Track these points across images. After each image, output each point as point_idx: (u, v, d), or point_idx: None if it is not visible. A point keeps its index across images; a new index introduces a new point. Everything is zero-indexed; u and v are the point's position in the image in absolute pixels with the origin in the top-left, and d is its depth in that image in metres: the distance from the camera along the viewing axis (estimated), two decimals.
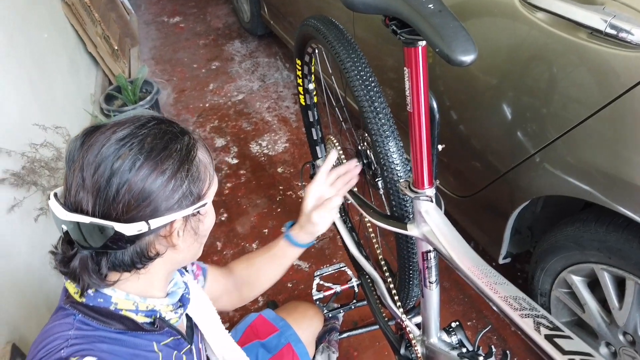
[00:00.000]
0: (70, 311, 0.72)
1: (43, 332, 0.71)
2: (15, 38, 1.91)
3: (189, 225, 0.74)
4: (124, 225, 0.65)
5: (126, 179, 0.65)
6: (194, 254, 0.81)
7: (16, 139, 1.64)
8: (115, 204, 0.65)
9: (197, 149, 0.73)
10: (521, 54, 1.22)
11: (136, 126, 0.69)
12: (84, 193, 0.65)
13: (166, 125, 0.71)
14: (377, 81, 1.09)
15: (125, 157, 0.65)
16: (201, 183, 0.73)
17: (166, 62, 3.59)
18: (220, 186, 2.44)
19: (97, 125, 0.70)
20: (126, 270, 0.71)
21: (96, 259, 0.69)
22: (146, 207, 0.66)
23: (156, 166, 0.66)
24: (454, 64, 0.68)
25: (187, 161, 0.70)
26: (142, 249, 0.70)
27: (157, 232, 0.70)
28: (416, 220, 1.00)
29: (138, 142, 0.67)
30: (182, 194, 0.69)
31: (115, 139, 0.67)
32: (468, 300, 1.80)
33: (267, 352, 1.29)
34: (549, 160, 1.21)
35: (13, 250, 1.48)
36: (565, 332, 0.64)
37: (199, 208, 0.72)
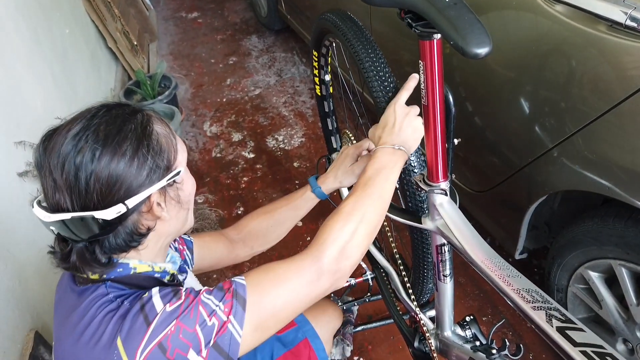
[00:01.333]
0: (96, 286, 0.76)
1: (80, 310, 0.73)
2: (39, 34, 1.96)
3: (168, 196, 0.76)
4: (103, 212, 0.69)
5: (91, 170, 0.68)
6: (184, 221, 0.84)
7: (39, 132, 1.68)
8: (89, 195, 0.69)
9: (153, 123, 0.76)
10: (540, 48, 1.20)
11: (87, 118, 0.72)
12: (59, 193, 0.69)
13: (116, 110, 0.74)
14: (393, 75, 1.09)
15: (84, 150, 0.69)
16: (166, 154, 0.75)
17: (184, 57, 3.62)
18: (236, 180, 2.47)
19: (54, 128, 0.74)
20: (123, 251, 0.76)
21: (91, 249, 0.73)
22: (118, 190, 0.70)
23: (115, 151, 0.70)
24: (469, 56, 0.69)
25: (145, 137, 0.73)
26: (132, 229, 0.74)
27: (138, 209, 0.73)
28: (430, 213, 1.00)
29: (92, 133, 0.70)
30: (149, 169, 0.72)
31: (71, 136, 0.70)
32: (484, 295, 1.79)
33: (283, 347, 1.29)
34: (567, 155, 1.19)
35: (37, 240, 1.52)
36: (578, 324, 0.64)
37: (173, 177, 0.76)
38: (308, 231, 2.09)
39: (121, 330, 0.69)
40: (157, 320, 0.70)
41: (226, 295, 0.73)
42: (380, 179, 0.87)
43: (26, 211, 1.50)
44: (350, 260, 0.80)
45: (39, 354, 1.29)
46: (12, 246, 1.36)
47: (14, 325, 1.26)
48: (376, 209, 0.85)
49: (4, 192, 1.39)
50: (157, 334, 0.69)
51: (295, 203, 1.19)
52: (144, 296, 0.73)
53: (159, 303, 0.71)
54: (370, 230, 0.83)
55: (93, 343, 0.70)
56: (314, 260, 0.78)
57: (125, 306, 0.72)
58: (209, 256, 1.14)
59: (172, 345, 0.69)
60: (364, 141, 1.17)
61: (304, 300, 0.78)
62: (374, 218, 0.84)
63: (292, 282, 0.76)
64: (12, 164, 1.49)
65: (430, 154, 0.92)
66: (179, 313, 0.70)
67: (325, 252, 0.78)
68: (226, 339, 0.71)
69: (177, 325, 0.70)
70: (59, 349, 0.76)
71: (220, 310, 0.72)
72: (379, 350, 1.66)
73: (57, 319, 0.80)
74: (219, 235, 1.19)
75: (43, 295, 1.46)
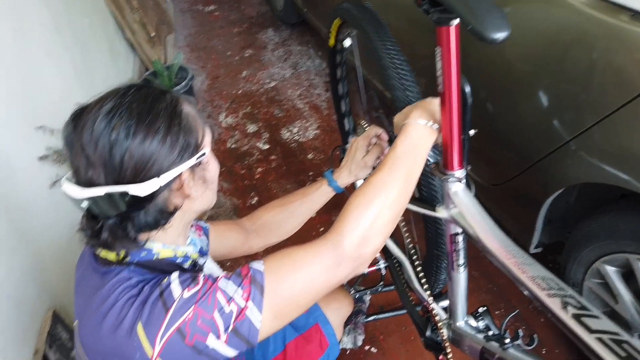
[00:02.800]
0: (119, 269, 0.76)
1: (103, 293, 0.74)
2: (60, 23, 1.99)
3: (196, 175, 0.78)
4: (137, 187, 0.70)
5: (126, 147, 0.69)
6: (208, 201, 0.85)
7: (59, 117, 1.70)
8: (123, 170, 0.70)
9: (182, 103, 0.77)
10: (559, 39, 1.19)
11: (119, 96, 0.72)
12: (92, 169, 0.70)
13: (146, 90, 0.75)
14: (409, 67, 1.09)
15: (118, 127, 0.69)
16: (195, 133, 0.77)
17: (201, 49, 3.65)
18: (251, 170, 2.48)
19: (83, 107, 0.74)
20: (152, 229, 0.77)
21: (122, 225, 0.73)
22: (152, 166, 0.71)
23: (149, 128, 0.71)
24: (487, 41, 0.68)
25: (176, 115, 0.74)
26: (162, 207, 0.75)
27: (169, 187, 0.74)
28: (445, 202, 1.00)
29: (125, 110, 0.71)
30: (181, 147, 0.73)
31: (104, 113, 0.70)
32: (497, 289, 1.78)
33: (295, 331, 1.31)
34: (585, 147, 1.18)
35: (56, 223, 1.55)
36: (593, 311, 0.63)
37: (201, 157, 0.77)
38: (321, 222, 2.09)
39: (142, 316, 0.70)
40: (175, 306, 0.70)
41: (244, 282, 0.73)
42: (409, 160, 0.82)
43: (45, 195, 1.53)
44: (372, 246, 0.77)
45: (57, 333, 1.32)
46: (32, 228, 1.39)
47: (33, 305, 1.30)
48: (401, 193, 0.80)
49: (24, 176, 1.42)
50: (175, 319, 0.69)
51: (311, 197, 1.19)
52: (163, 282, 0.73)
53: (177, 289, 0.72)
54: (394, 215, 0.80)
55: (115, 328, 0.70)
56: (334, 247, 0.76)
57: (145, 292, 0.72)
58: (223, 244, 1.15)
59: (190, 331, 0.69)
60: (370, 129, 1.16)
61: (323, 286, 0.76)
62: (398, 202, 0.80)
63: (311, 268, 0.75)
64: (33, 148, 1.52)
65: (446, 141, 0.92)
66: (197, 299, 0.71)
67: (346, 238, 0.75)
68: (245, 325, 0.71)
69: (195, 311, 0.70)
70: (83, 329, 0.77)
71: (238, 296, 0.71)
72: (391, 340, 1.67)
73: (79, 297, 0.82)
74: (234, 225, 1.20)
75: (61, 276, 1.49)
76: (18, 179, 1.38)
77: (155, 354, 0.69)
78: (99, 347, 0.73)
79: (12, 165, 1.37)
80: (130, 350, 0.70)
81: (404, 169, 0.81)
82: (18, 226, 1.31)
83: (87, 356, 0.76)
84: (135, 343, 0.69)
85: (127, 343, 0.70)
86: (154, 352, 0.69)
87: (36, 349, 1.25)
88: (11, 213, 1.30)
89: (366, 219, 0.77)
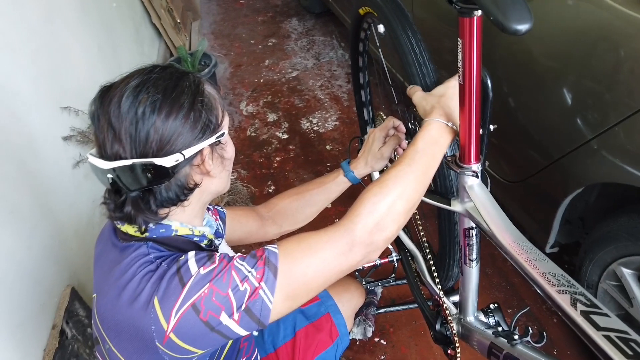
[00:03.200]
0: (138, 244, 0.79)
1: (122, 267, 0.77)
2: (88, 5, 2.02)
3: (215, 153, 0.81)
4: (162, 159, 0.73)
5: (152, 121, 0.72)
6: (224, 182, 0.88)
7: (84, 99, 1.74)
8: (149, 144, 0.73)
9: (204, 83, 0.80)
10: (587, 36, 1.17)
11: (145, 74, 0.76)
12: (118, 143, 0.73)
13: (170, 69, 0.78)
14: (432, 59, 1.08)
15: (144, 102, 0.72)
16: (216, 112, 0.80)
17: (225, 37, 3.67)
18: (269, 159, 2.50)
19: (109, 84, 0.77)
20: (173, 204, 0.79)
21: (145, 199, 0.76)
22: (176, 140, 0.74)
23: (174, 103, 0.74)
24: (509, 32, 0.67)
25: (199, 93, 0.77)
26: (182, 182, 0.78)
27: (191, 162, 0.77)
28: (460, 196, 1.00)
29: (152, 86, 0.74)
30: (203, 124, 0.76)
31: (131, 88, 0.73)
32: (510, 288, 1.77)
33: (305, 319, 1.32)
34: (607, 147, 1.16)
35: (77, 203, 1.59)
36: (603, 309, 0.63)
37: (220, 137, 0.80)
38: (337, 213, 2.10)
39: (158, 291, 0.72)
40: (191, 282, 0.72)
41: (258, 262, 0.75)
42: (428, 156, 0.84)
43: (68, 173, 1.57)
44: (385, 234, 0.78)
45: (74, 309, 1.36)
46: (54, 206, 1.42)
47: (52, 280, 1.33)
48: (418, 186, 0.82)
49: (48, 155, 1.46)
50: (191, 295, 0.71)
51: (327, 186, 1.20)
52: (180, 259, 0.76)
53: (194, 266, 0.74)
54: (408, 206, 0.81)
55: (131, 301, 0.73)
56: (347, 232, 0.77)
57: (163, 267, 0.75)
58: (239, 229, 1.17)
59: (205, 307, 0.71)
60: (388, 120, 1.16)
61: (335, 271, 0.78)
62: (414, 195, 0.81)
63: (324, 252, 0.76)
64: (58, 128, 1.56)
65: (463, 134, 0.91)
66: (213, 276, 0.73)
67: (359, 223, 0.77)
68: (257, 304, 0.73)
69: (210, 288, 0.72)
70: (101, 301, 0.80)
71: (252, 276, 0.73)
72: (400, 333, 1.67)
73: (98, 271, 0.84)
74: (250, 211, 1.21)
75: (80, 254, 1.53)
76: (42, 158, 1.42)
77: (170, 327, 0.71)
78: (116, 319, 0.75)
79: (37, 144, 1.40)
80: (145, 323, 0.72)
81: (422, 164, 0.83)
82: (41, 203, 1.35)
83: (103, 327, 0.79)
84: (152, 316, 0.71)
85: (142, 316, 0.72)
86: (169, 326, 0.71)
87: (54, 324, 1.29)
88: (34, 190, 1.33)
89: (381, 208, 0.78)
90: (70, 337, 1.30)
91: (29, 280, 1.23)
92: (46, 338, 1.25)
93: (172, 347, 0.73)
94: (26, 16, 1.47)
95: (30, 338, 1.20)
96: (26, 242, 1.25)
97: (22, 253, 1.22)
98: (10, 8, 1.39)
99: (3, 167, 1.21)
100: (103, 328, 0.79)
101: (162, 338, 0.72)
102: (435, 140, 0.86)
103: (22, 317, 1.17)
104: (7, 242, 1.17)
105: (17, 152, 1.29)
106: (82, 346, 1.33)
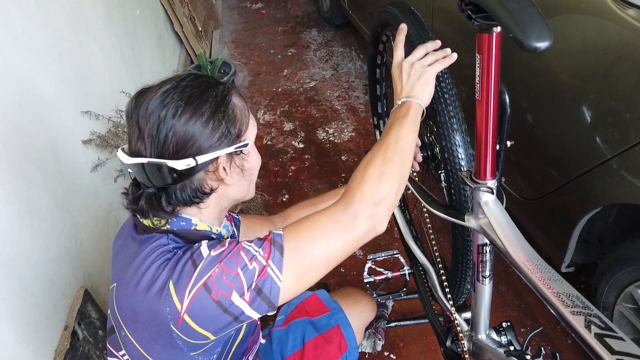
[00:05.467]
0: (159, 236, 0.83)
1: (142, 256, 0.80)
2: (112, 12, 2.07)
3: (234, 163, 0.84)
4: (175, 162, 0.77)
5: (172, 125, 0.77)
6: (244, 190, 0.90)
7: (105, 104, 1.78)
8: (166, 146, 0.77)
9: (232, 95, 0.84)
10: (608, 55, 1.16)
11: (177, 80, 0.81)
12: (141, 141, 0.78)
13: (203, 78, 0.83)
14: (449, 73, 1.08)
15: (169, 106, 0.77)
16: (239, 124, 0.83)
17: (245, 45, 3.71)
18: (284, 168, 2.51)
19: (147, 86, 0.83)
20: (186, 205, 0.83)
21: (158, 196, 0.80)
22: (191, 146, 0.78)
23: (195, 110, 0.78)
24: (528, 50, 0.67)
25: (223, 104, 0.81)
26: (197, 186, 0.81)
27: (205, 168, 0.81)
28: (475, 211, 0.99)
29: (179, 92, 0.79)
30: (221, 134, 0.80)
31: (161, 92, 0.79)
32: (524, 306, 1.74)
33: (315, 330, 1.32)
34: (627, 166, 1.14)
35: (94, 205, 1.61)
36: (618, 333, 0.61)
37: (241, 147, 0.83)
38: None
39: (173, 276, 0.76)
40: (202, 263, 0.76)
41: (265, 243, 0.78)
42: (396, 126, 0.88)
43: (87, 176, 1.59)
44: (384, 202, 0.80)
45: (87, 311, 1.37)
46: (72, 208, 1.45)
47: (66, 281, 1.35)
48: (396, 152, 0.84)
49: (68, 157, 1.49)
50: (202, 275, 0.75)
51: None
52: (194, 246, 0.80)
53: (206, 250, 0.78)
54: (396, 172, 0.83)
55: (149, 287, 0.77)
56: (346, 205, 0.79)
57: (178, 255, 0.79)
58: (253, 237, 1.17)
59: (216, 286, 0.74)
60: None
61: (341, 245, 0.79)
62: (397, 161, 0.84)
63: (327, 227, 0.78)
64: (78, 131, 1.59)
65: (479, 150, 0.91)
66: (223, 257, 0.76)
67: (355, 195, 0.79)
68: (267, 283, 0.75)
69: (221, 267, 0.75)
70: (120, 289, 0.83)
71: (260, 255, 0.76)
72: (411, 348, 1.65)
73: (117, 264, 0.88)
74: (265, 220, 1.23)
75: (95, 257, 1.55)
76: (62, 161, 1.44)
77: (184, 308, 0.74)
78: (133, 305, 0.79)
79: (57, 147, 1.43)
80: (161, 307, 0.75)
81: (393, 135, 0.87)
82: (59, 205, 1.37)
83: (120, 314, 0.82)
84: (167, 298, 0.75)
85: (158, 300, 0.75)
86: (183, 307, 0.74)
87: (66, 325, 1.30)
88: (53, 192, 1.36)
89: (371, 178, 0.81)
90: (81, 338, 1.31)
91: (44, 280, 1.25)
92: (58, 338, 1.27)
93: (185, 330, 0.76)
94: (51, 21, 1.51)
95: (43, 338, 1.21)
96: (43, 242, 1.27)
97: (39, 253, 1.24)
98: (37, 14, 1.42)
99: (24, 168, 1.23)
100: (120, 315, 0.83)
101: (176, 320, 0.75)
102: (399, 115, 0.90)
103: (36, 316, 1.19)
104: (25, 241, 1.19)
105: (37, 154, 1.31)
106: (93, 348, 1.34)
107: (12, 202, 1.16)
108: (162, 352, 0.80)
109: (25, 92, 1.30)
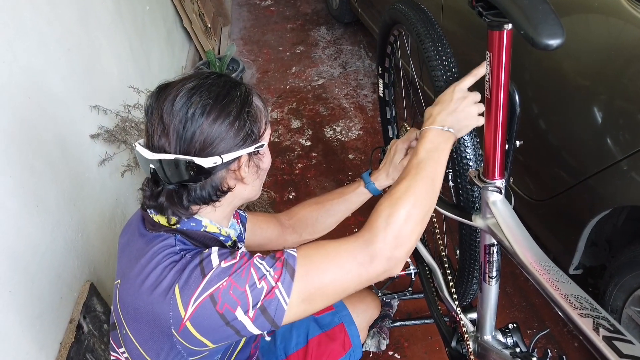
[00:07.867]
0: (167, 235, 0.82)
1: (148, 255, 0.80)
2: (121, 7, 2.07)
3: (252, 162, 0.85)
4: (202, 159, 0.77)
5: (200, 123, 0.77)
6: (255, 190, 0.91)
7: (113, 98, 1.79)
8: (193, 143, 0.77)
9: (253, 95, 0.84)
10: (620, 55, 1.14)
11: (201, 78, 0.81)
12: (165, 137, 0.78)
13: (225, 77, 0.83)
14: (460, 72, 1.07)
15: (196, 104, 0.77)
16: (259, 124, 0.84)
17: (254, 43, 3.71)
18: (291, 165, 2.50)
19: (167, 82, 0.82)
20: (204, 203, 0.83)
21: (179, 193, 0.80)
22: (218, 144, 0.78)
23: (222, 109, 0.78)
24: (539, 47, 0.66)
25: (247, 104, 0.81)
26: (217, 184, 0.82)
27: (228, 166, 0.81)
28: (482, 211, 0.98)
29: (205, 91, 0.78)
30: (245, 133, 0.80)
31: (186, 89, 0.78)
32: (531, 308, 1.72)
33: (319, 328, 1.31)
34: (637, 168, 1.13)
35: (100, 200, 1.62)
36: (627, 336, 0.60)
37: (259, 147, 0.84)
38: (356, 223, 2.09)
39: (179, 279, 0.75)
40: (211, 273, 0.75)
41: (277, 263, 0.77)
42: (431, 162, 0.85)
43: (94, 171, 1.60)
44: (405, 246, 0.78)
45: (92, 304, 1.38)
46: (79, 201, 1.45)
47: (72, 275, 1.36)
48: (428, 193, 0.82)
49: (76, 151, 1.49)
50: (210, 286, 0.74)
51: (348, 197, 1.20)
52: (204, 252, 0.79)
53: (216, 259, 0.77)
54: (422, 215, 0.81)
55: (153, 287, 0.76)
56: (367, 243, 0.77)
57: (187, 258, 0.78)
58: (260, 235, 1.17)
59: (222, 299, 0.73)
60: (410, 132, 1.15)
61: (353, 281, 0.78)
62: (426, 202, 0.82)
63: (342, 261, 0.77)
64: (86, 126, 1.60)
65: (488, 149, 0.90)
66: (232, 271, 0.75)
67: (378, 236, 0.77)
68: (273, 304, 0.74)
69: (229, 281, 0.74)
70: (123, 286, 0.83)
71: (270, 275, 0.75)
72: (415, 348, 1.64)
73: (123, 259, 0.87)
74: (272, 217, 1.22)
75: (102, 251, 1.55)
76: (69, 154, 1.45)
77: (187, 315, 0.73)
78: (135, 305, 0.78)
79: (65, 141, 1.44)
80: (164, 310, 0.74)
81: (428, 171, 0.84)
82: (66, 198, 1.38)
83: (122, 312, 0.82)
84: (171, 303, 0.74)
85: (162, 302, 0.75)
86: (186, 314, 0.73)
87: (71, 318, 1.31)
88: (60, 186, 1.36)
89: (397, 220, 0.78)
90: (86, 332, 1.32)
91: (51, 273, 1.25)
92: (63, 331, 1.27)
93: (186, 336, 0.75)
94: (61, 16, 1.51)
95: (48, 330, 1.21)
96: (50, 235, 1.27)
97: (46, 246, 1.25)
98: (47, 8, 1.43)
99: (31, 161, 1.24)
100: (122, 313, 0.83)
101: (178, 325, 0.74)
102: (435, 147, 0.87)
103: (42, 309, 1.20)
104: (32, 234, 1.20)
105: (45, 148, 1.32)
106: (98, 342, 1.35)
107: (19, 194, 1.17)
108: (161, 354, 0.80)
109: (34, 86, 1.30)
